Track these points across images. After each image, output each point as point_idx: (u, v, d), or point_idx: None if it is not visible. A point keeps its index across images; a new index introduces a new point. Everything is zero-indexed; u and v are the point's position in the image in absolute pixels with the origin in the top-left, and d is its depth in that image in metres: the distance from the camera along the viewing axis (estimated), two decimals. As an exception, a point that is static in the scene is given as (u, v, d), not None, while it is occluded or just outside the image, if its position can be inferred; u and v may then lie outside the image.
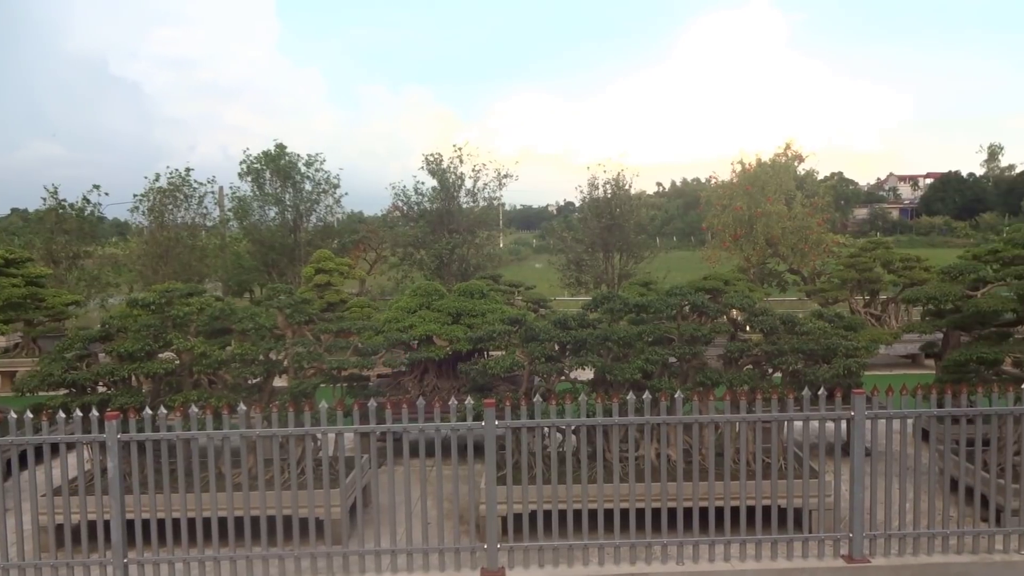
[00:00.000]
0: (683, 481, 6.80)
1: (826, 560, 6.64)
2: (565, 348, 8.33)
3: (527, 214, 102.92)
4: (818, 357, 7.94)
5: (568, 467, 6.65)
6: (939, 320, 9.94)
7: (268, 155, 27.45)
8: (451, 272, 26.00)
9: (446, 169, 27.70)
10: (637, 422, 6.63)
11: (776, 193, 27.50)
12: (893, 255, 19.21)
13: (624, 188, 28.95)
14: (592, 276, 28.34)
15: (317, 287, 17.50)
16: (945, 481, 7.08)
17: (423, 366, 10.35)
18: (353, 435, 6.63)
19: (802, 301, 23.23)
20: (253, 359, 7.81)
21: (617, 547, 6.62)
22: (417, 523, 6.73)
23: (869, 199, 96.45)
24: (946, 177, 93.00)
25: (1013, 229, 9.96)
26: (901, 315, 18.42)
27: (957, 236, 68.90)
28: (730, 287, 13.01)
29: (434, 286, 10.96)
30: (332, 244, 27.11)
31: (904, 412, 6.69)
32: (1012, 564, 6.65)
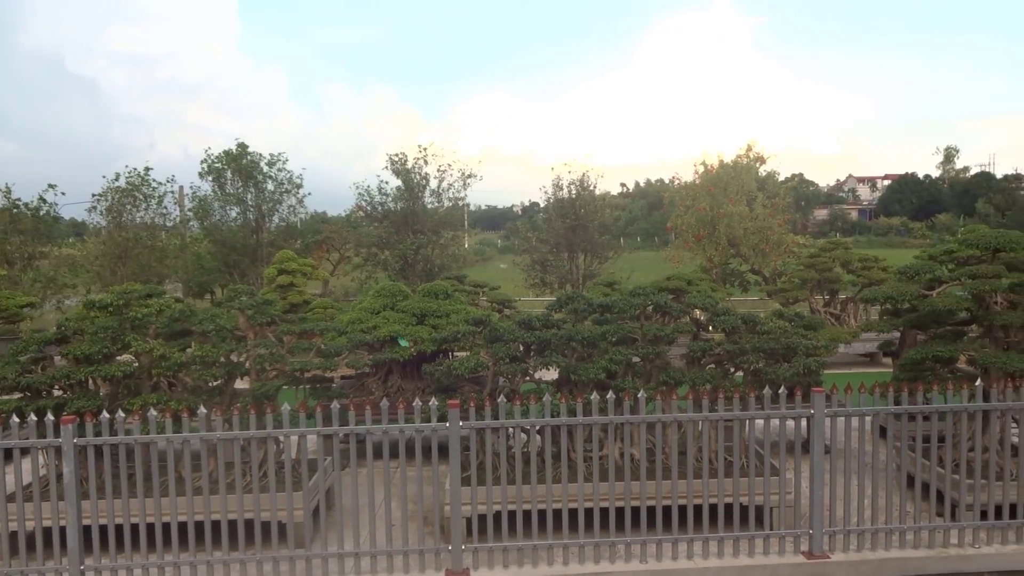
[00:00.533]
0: (646, 480, 6.84)
1: (787, 556, 6.73)
2: (529, 348, 8.34)
3: (492, 214, 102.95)
4: (779, 356, 8.04)
5: (533, 467, 6.66)
6: (896, 319, 10.12)
7: (229, 154, 27.14)
8: (416, 273, 25.92)
9: (410, 169, 27.64)
10: (601, 422, 6.67)
11: (738, 194, 27.83)
12: (852, 255, 19.53)
13: (588, 189, 29.11)
14: (557, 276, 28.44)
15: (280, 288, 17.30)
16: (902, 477, 7.21)
17: (387, 367, 10.30)
18: (316, 437, 6.57)
19: (763, 301, 23.53)
20: (214, 361, 7.70)
21: (582, 546, 6.64)
22: (381, 525, 6.70)
23: (829, 200, 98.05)
24: (903, 179, 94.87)
25: (967, 230, 10.18)
26: (860, 314, 18.72)
27: (914, 237, 70.33)
28: (693, 287, 13.13)
29: (398, 287, 10.91)
30: (295, 244, 26.89)
31: (863, 410, 6.80)
32: (967, 558, 6.80)
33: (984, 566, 6.79)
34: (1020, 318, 8.23)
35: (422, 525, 6.73)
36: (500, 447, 6.75)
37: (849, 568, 6.67)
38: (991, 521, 7.01)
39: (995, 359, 7.89)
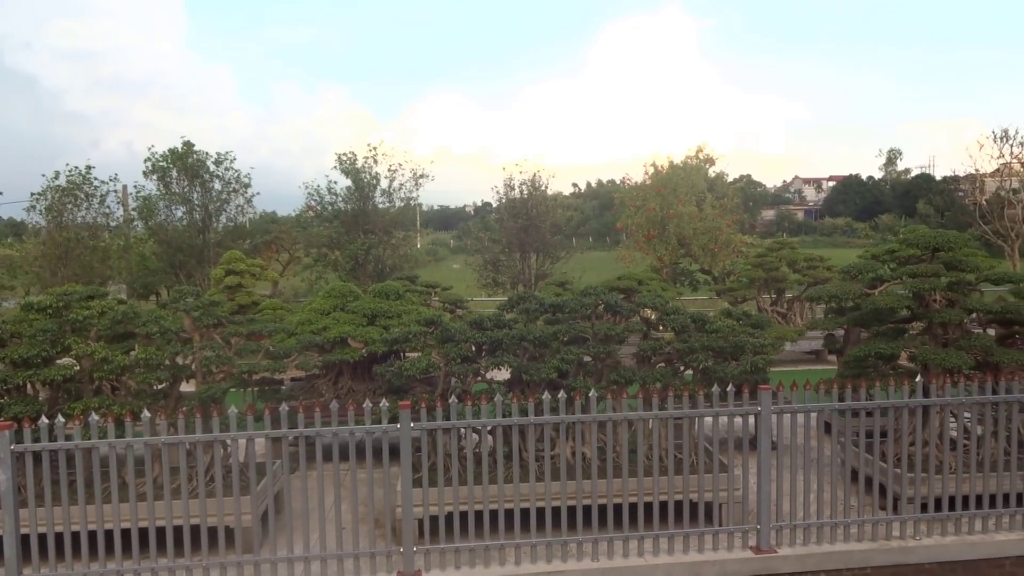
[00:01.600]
0: (598, 479, 6.88)
1: (735, 552, 6.82)
2: (481, 349, 8.33)
3: (445, 214, 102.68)
4: (727, 354, 8.16)
5: (484, 468, 6.66)
6: (840, 317, 10.34)
7: (175, 153, 26.59)
8: (367, 273, 25.72)
9: (360, 169, 27.40)
10: (553, 421, 6.68)
11: (687, 195, 28.20)
12: (798, 255, 19.94)
13: (540, 189, 29.19)
14: (509, 276, 28.46)
15: (227, 289, 17.01)
16: (846, 472, 7.37)
17: (338, 368, 10.20)
18: (265, 440, 6.47)
19: (713, 300, 23.86)
20: (158, 364, 7.54)
21: (534, 546, 6.65)
22: (332, 528, 6.62)
23: (776, 201, 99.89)
24: (847, 180, 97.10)
25: (908, 230, 10.43)
26: (805, 313, 19.11)
27: (858, 237, 72.01)
28: (643, 287, 13.27)
29: (349, 287, 10.80)
30: (243, 245, 26.47)
31: (808, 406, 6.94)
32: (908, 549, 6.98)
33: (924, 557, 6.98)
34: (958, 316, 8.47)
35: (373, 528, 6.67)
36: (452, 448, 6.73)
37: (796, 562, 6.79)
38: (931, 513, 7.21)
39: (934, 355, 8.11)
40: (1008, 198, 30.33)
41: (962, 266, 8.84)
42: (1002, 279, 9.95)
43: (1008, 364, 8.11)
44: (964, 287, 8.86)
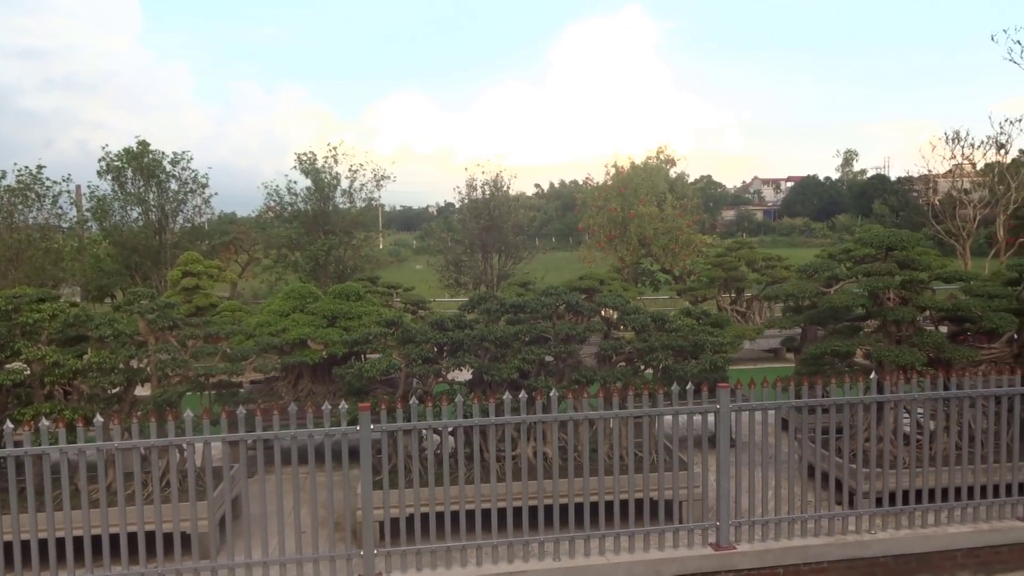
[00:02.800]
0: (559, 478, 6.89)
1: (695, 549, 6.88)
2: (442, 349, 8.30)
3: (407, 215, 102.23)
4: (687, 353, 8.23)
5: (445, 469, 6.63)
6: (797, 316, 10.50)
7: (130, 152, 26.08)
8: (327, 274, 25.50)
9: (321, 169, 27.16)
10: (514, 421, 6.68)
11: (648, 195, 28.39)
12: (756, 255, 20.20)
13: (502, 189, 29.20)
14: (471, 277, 28.42)
15: (185, 291, 16.75)
16: (804, 468, 7.48)
17: (297, 371, 10.08)
18: (222, 444, 6.37)
19: (674, 299, 24.06)
20: (112, 367, 7.39)
21: (495, 546, 6.64)
22: (291, 532, 6.54)
23: (736, 201, 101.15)
24: (805, 181, 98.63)
25: (863, 230, 10.63)
26: (764, 312, 19.36)
27: (815, 236, 73.14)
28: (605, 287, 13.32)
29: (308, 288, 10.70)
30: (201, 246, 26.05)
31: (766, 404, 7.02)
32: (864, 543, 7.09)
33: (879, 551, 7.10)
34: (911, 313, 8.64)
35: (333, 531, 6.61)
36: (413, 449, 6.69)
37: (754, 558, 6.87)
38: (886, 508, 7.34)
39: (888, 353, 8.26)
40: (960, 198, 31.03)
41: (915, 265, 9.02)
42: (953, 277, 10.18)
43: (959, 361, 8.30)
44: (917, 285, 9.04)
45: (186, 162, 26.81)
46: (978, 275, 11.74)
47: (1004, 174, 28.78)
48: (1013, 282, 9.53)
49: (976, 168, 30.95)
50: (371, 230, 30.04)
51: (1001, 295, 9.06)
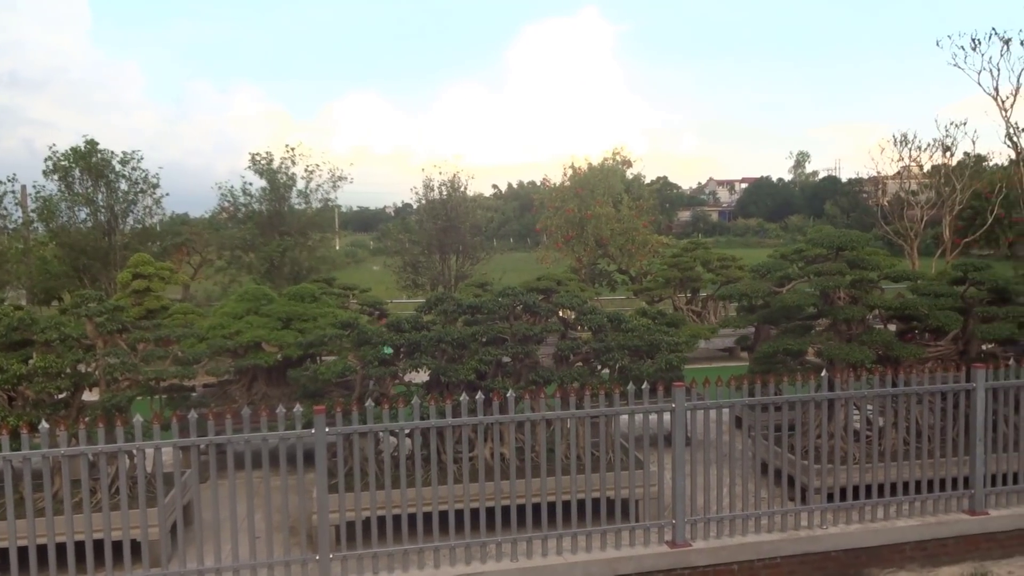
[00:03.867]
0: (517, 479, 6.90)
1: (651, 547, 6.93)
2: (399, 351, 8.25)
3: (364, 216, 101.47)
4: (643, 353, 8.29)
5: (402, 471, 6.58)
6: (751, 315, 10.65)
7: (77, 152, 25.49)
8: (282, 276, 25.20)
9: (276, 169, 26.84)
10: (471, 422, 6.66)
11: (605, 196, 28.60)
12: (712, 255, 20.46)
13: (460, 190, 29.17)
14: (429, 278, 28.34)
15: (135, 293, 16.44)
16: (757, 465, 7.58)
17: (251, 374, 9.93)
18: (173, 449, 6.25)
19: (630, 300, 24.26)
20: (59, 372, 7.21)
21: (452, 548, 6.61)
22: (245, 538, 6.45)
23: (691, 202, 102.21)
24: (759, 182, 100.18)
25: (815, 230, 10.80)
26: (719, 311, 19.60)
27: (769, 237, 74.29)
28: (562, 287, 13.36)
29: (262, 290, 10.55)
30: (152, 247, 25.56)
31: (720, 402, 7.10)
32: (816, 538, 7.22)
33: (831, 545, 7.23)
34: (860, 312, 8.82)
35: (288, 536, 6.52)
36: (369, 452, 6.64)
37: (710, 554, 6.95)
38: (837, 503, 7.48)
39: (839, 351, 8.42)
40: (908, 199, 31.77)
41: (864, 264, 9.20)
42: (901, 276, 10.42)
43: (907, 358, 8.49)
44: (866, 285, 9.23)
45: (136, 162, 26.32)
46: (925, 275, 12.03)
47: (950, 176, 29.52)
48: (958, 281, 9.78)
49: (923, 170, 31.71)
50: (327, 231, 29.77)
51: (946, 294, 9.28)
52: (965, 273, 9.69)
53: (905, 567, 7.39)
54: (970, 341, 9.30)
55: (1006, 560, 7.55)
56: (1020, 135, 16.28)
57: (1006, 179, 24.28)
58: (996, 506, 7.79)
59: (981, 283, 9.49)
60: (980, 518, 7.60)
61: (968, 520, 7.58)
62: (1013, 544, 7.63)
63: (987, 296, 9.55)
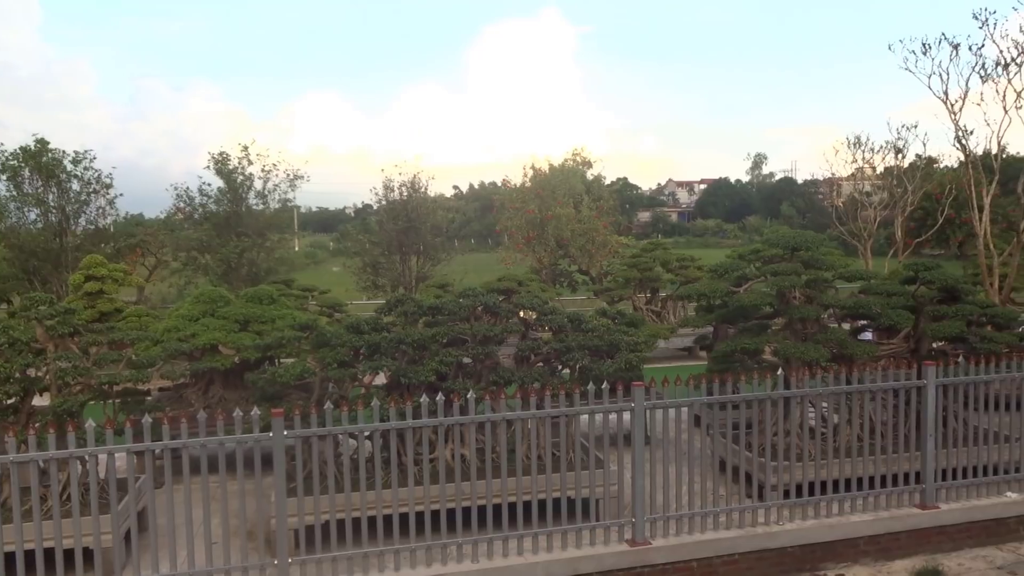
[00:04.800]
0: (477, 480, 6.89)
1: (612, 545, 6.97)
2: (359, 353, 8.19)
3: (324, 216, 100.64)
4: (603, 353, 8.34)
5: (362, 474, 6.53)
6: (709, 315, 10.77)
7: (27, 151, 24.91)
8: (240, 277, 24.88)
9: (233, 169, 26.49)
10: (432, 424, 6.64)
11: (565, 197, 28.71)
12: (671, 255, 20.67)
13: (420, 190, 29.06)
14: (389, 279, 28.20)
15: (87, 295, 16.09)
16: (715, 463, 7.67)
17: (208, 377, 9.80)
18: (126, 455, 6.13)
19: (591, 300, 24.40)
20: (7, 377, 7.03)
21: (413, 551, 6.58)
22: (201, 544, 6.34)
23: (651, 203, 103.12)
24: (717, 183, 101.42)
25: (771, 231, 10.99)
26: (678, 311, 19.81)
27: (727, 237, 75.23)
28: (523, 288, 13.40)
29: (219, 292, 10.42)
30: (105, 249, 25.06)
31: (678, 401, 7.17)
32: (773, 535, 7.32)
33: (787, 541, 7.34)
34: (815, 311, 8.97)
35: (246, 541, 6.44)
36: (328, 455, 6.57)
37: (669, 552, 7.01)
38: (793, 499, 7.59)
39: (794, 349, 8.55)
40: (861, 200, 32.38)
41: (819, 265, 9.37)
42: (855, 276, 10.62)
43: (860, 356, 8.66)
44: (821, 284, 9.40)
45: (89, 161, 25.83)
46: (878, 274, 12.29)
47: (902, 178, 30.15)
48: (909, 281, 10.00)
49: (876, 172, 32.34)
50: (286, 232, 29.46)
51: (898, 293, 9.49)
52: (916, 273, 9.92)
53: (859, 561, 7.53)
54: (921, 339, 9.51)
55: (956, 553, 7.73)
56: (968, 138, 16.65)
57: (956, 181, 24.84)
58: (946, 500, 7.97)
59: (931, 282, 9.71)
60: (931, 512, 7.77)
61: (920, 514, 7.75)
62: (963, 537, 7.81)
63: (937, 295, 9.79)
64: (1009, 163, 20.77)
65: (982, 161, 17.32)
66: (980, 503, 7.96)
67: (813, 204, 67.29)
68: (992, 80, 15.90)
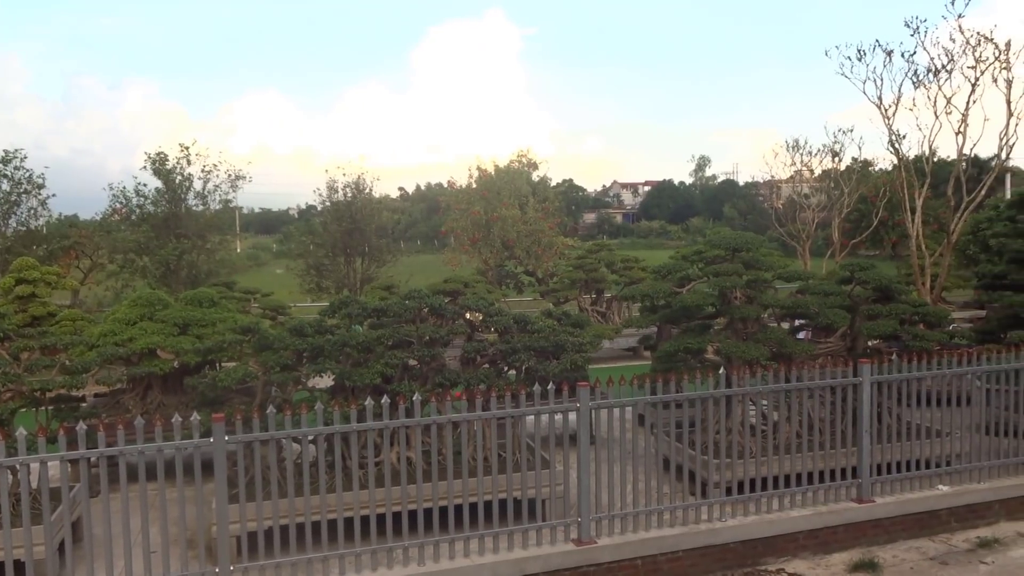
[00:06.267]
0: (423, 482, 6.85)
1: (558, 545, 7.01)
2: (302, 356, 8.09)
3: (267, 218, 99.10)
4: (548, 354, 8.37)
5: (306, 478, 6.45)
6: (653, 315, 10.90)
7: (-47, 150, 24.01)
8: (179, 280, 24.34)
9: (172, 169, 25.90)
10: (376, 427, 6.59)
11: (511, 198, 28.77)
12: (616, 256, 20.88)
13: (365, 191, 28.82)
14: (334, 281, 27.90)
15: (18, 299, 15.58)
16: (659, 461, 7.76)
17: (146, 382, 9.56)
18: (60, 463, 5.94)
19: (537, 301, 24.49)
20: (-69, 385, 6.77)
21: (358, 555, 6.52)
22: (139, 553, 6.19)
23: (596, 204, 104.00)
24: (661, 185, 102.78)
25: (713, 232, 11.16)
26: (623, 312, 20.01)
27: (671, 238, 76.28)
28: (469, 289, 13.40)
29: (157, 295, 10.17)
30: (38, 251, 24.30)
31: (623, 401, 7.24)
32: (715, 531, 7.44)
33: (729, 537, 7.47)
34: (755, 311, 9.15)
35: (186, 549, 6.30)
36: (271, 460, 6.47)
37: (614, 550, 7.07)
38: (735, 496, 7.73)
39: (736, 349, 8.71)
40: (800, 202, 33.17)
41: (759, 265, 9.56)
42: (794, 277, 10.88)
43: (799, 355, 8.86)
44: (761, 285, 9.59)
45: (19, 161, 25.00)
46: (815, 275, 12.59)
47: (838, 180, 30.96)
48: (845, 281, 10.28)
49: (814, 174, 33.15)
50: (227, 233, 28.93)
51: (835, 293, 9.74)
52: (852, 273, 10.19)
53: (798, 555, 7.70)
54: (857, 337, 9.78)
55: (891, 545, 7.96)
56: (901, 142, 17.18)
57: (889, 183, 25.62)
58: (882, 494, 8.20)
59: (866, 282, 9.99)
60: (867, 506, 7.99)
61: (856, 508, 7.96)
62: (897, 529, 8.05)
63: (872, 295, 10.07)
64: (940, 166, 21.50)
65: (914, 165, 17.90)
66: (913, 496, 8.21)
67: (754, 206, 68.60)
68: (924, 86, 16.45)
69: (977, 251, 23.15)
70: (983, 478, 8.57)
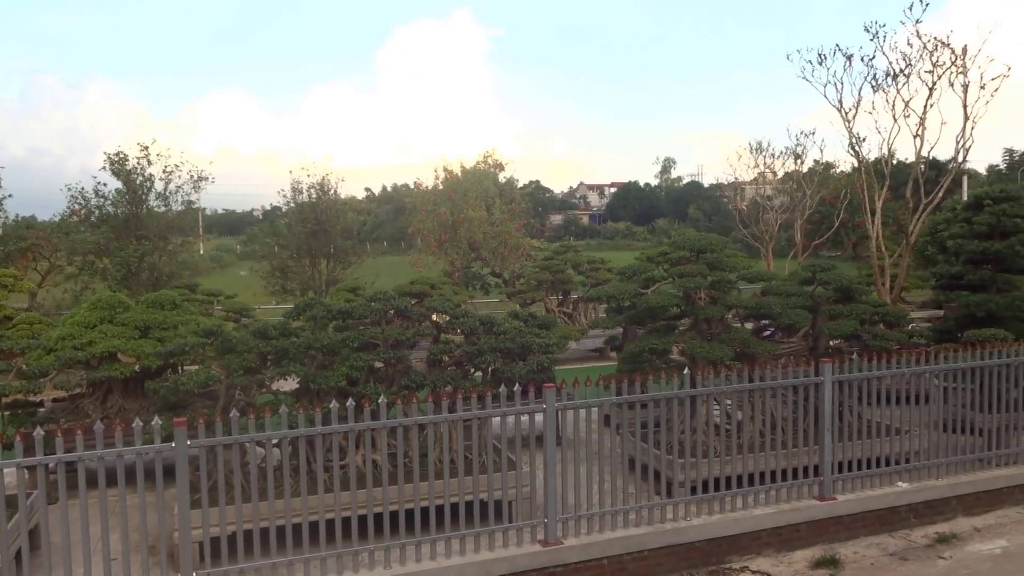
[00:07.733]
0: (389, 485, 6.82)
1: (525, 546, 7.01)
2: (266, 358, 8.00)
3: (231, 219, 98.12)
4: (515, 355, 8.38)
5: (270, 483, 6.38)
6: (619, 316, 10.96)
7: (-95, 149, 23.39)
8: (140, 282, 23.94)
9: (132, 170, 25.47)
10: (342, 430, 6.54)
11: (478, 199, 28.76)
12: (582, 258, 20.95)
13: (330, 192, 28.62)
14: (298, 283, 27.66)
15: (-26, 303, 15.21)
16: (625, 461, 7.80)
17: (106, 386, 9.39)
18: (16, 470, 5.81)
19: (504, 302, 24.49)
20: None
21: (324, 559, 6.47)
22: (99, 561, 6.07)
23: (563, 206, 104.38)
24: (627, 187, 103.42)
25: (677, 233, 11.26)
26: (589, 313, 20.09)
27: (637, 240, 76.77)
28: (436, 291, 13.33)
29: (118, 298, 10.00)
30: (-6, 253, 23.77)
31: (589, 402, 7.27)
32: (680, 530, 7.49)
33: (695, 536, 7.53)
34: (719, 312, 9.24)
35: (147, 556, 6.19)
36: (235, 464, 6.39)
37: (581, 551, 7.09)
38: (700, 495, 7.79)
39: (700, 349, 8.79)
40: (763, 204, 33.60)
41: (723, 266, 9.66)
42: (757, 277, 11.00)
43: (762, 354, 8.96)
44: (725, 285, 9.69)
45: (-26, 161, 24.39)
46: (778, 275, 12.75)
47: (800, 182, 31.40)
48: (807, 281, 10.42)
49: (776, 176, 33.60)
50: (190, 234, 28.52)
51: (797, 293, 9.87)
52: (814, 274, 10.33)
53: (762, 553, 7.79)
54: (818, 337, 9.92)
55: (852, 541, 8.09)
56: (861, 145, 17.49)
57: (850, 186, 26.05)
58: (843, 491, 8.32)
59: (828, 283, 10.14)
60: (829, 503, 8.11)
61: (818, 506, 8.07)
62: (858, 526, 8.18)
63: (833, 295, 10.23)
64: (899, 169, 21.90)
65: (874, 167, 18.22)
66: (874, 493, 8.35)
67: (719, 207, 69.31)
68: (883, 90, 16.77)
69: (935, 252, 23.61)
70: (941, 475, 8.74)
